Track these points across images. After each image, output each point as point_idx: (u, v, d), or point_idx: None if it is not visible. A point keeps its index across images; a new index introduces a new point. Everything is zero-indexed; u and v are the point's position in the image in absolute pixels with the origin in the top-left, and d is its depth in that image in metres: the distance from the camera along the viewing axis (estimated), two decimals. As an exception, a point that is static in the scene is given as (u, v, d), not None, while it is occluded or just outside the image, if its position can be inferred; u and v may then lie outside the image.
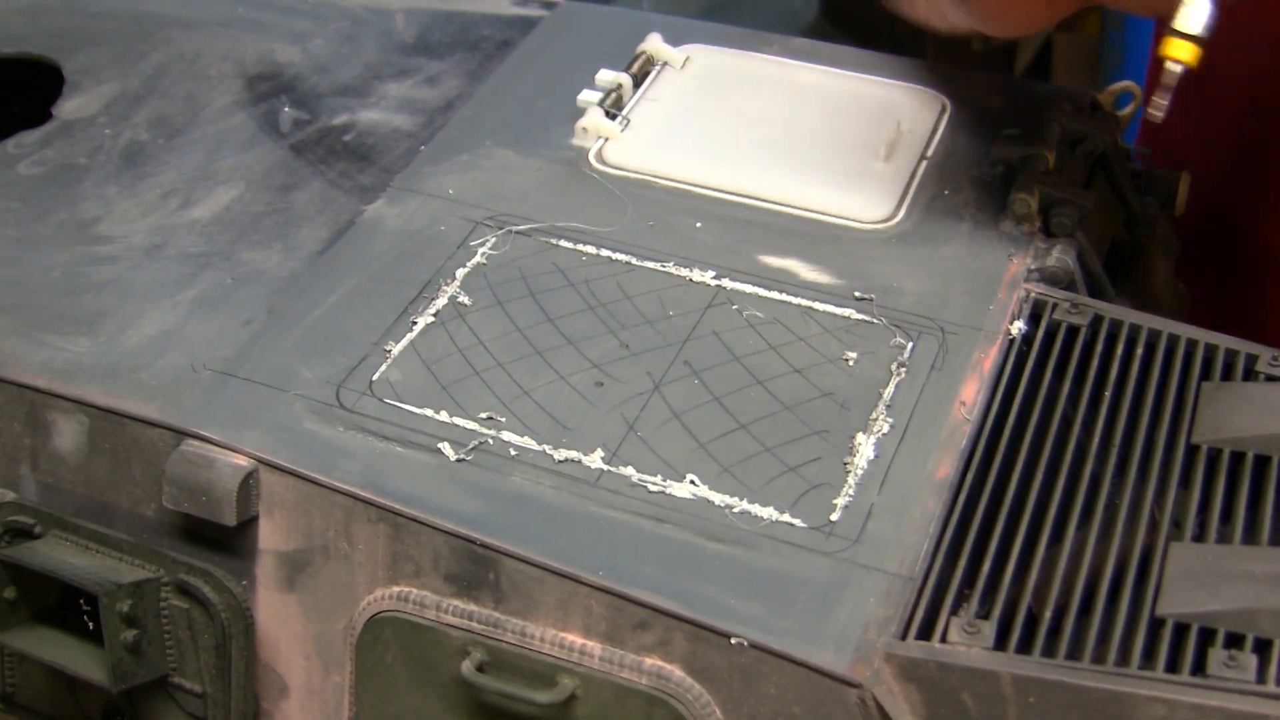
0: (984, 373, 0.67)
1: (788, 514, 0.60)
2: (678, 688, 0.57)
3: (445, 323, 0.69)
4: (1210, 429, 0.64)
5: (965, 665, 0.54)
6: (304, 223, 0.75)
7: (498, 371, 0.66)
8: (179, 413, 0.64)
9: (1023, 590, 0.58)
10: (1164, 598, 0.56)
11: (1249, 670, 0.53)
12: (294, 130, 0.82)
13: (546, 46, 0.86)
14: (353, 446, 0.63)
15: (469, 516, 0.60)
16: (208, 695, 0.64)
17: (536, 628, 0.59)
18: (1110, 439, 0.64)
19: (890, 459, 0.63)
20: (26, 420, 0.67)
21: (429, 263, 0.72)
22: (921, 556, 0.59)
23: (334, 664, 0.63)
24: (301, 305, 0.70)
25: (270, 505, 0.63)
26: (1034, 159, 0.75)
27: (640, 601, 0.57)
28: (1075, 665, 0.54)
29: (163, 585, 0.64)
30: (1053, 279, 0.72)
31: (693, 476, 0.62)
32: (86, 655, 0.64)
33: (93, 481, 0.66)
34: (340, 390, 0.65)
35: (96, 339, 0.68)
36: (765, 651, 0.56)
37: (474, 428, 0.64)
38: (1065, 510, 0.61)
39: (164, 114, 0.83)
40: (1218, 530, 0.60)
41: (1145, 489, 0.62)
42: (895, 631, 0.56)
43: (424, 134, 0.81)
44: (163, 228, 0.75)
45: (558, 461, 0.62)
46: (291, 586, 0.63)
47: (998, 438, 0.64)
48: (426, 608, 0.60)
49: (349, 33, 0.90)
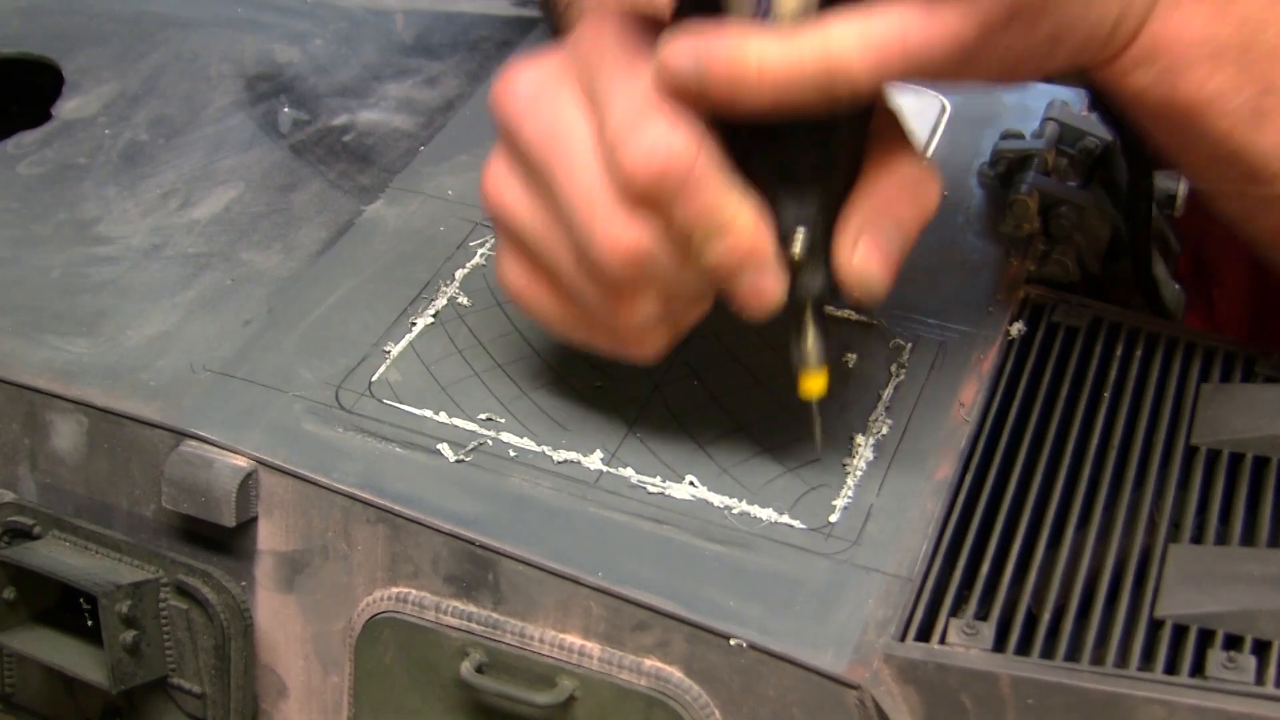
0: (983, 374, 0.67)
1: (787, 515, 0.60)
2: (677, 689, 0.57)
3: (444, 323, 0.69)
4: (1209, 430, 0.64)
5: (964, 667, 0.54)
6: (303, 223, 0.75)
7: (497, 372, 0.66)
8: (178, 413, 0.64)
9: (1022, 591, 0.58)
10: (1163, 599, 0.56)
11: (1248, 672, 0.53)
12: (293, 131, 0.82)
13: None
14: (352, 447, 0.63)
15: (468, 517, 0.60)
16: (207, 696, 0.64)
17: (536, 629, 0.59)
18: (1109, 440, 0.64)
19: (889, 460, 0.63)
20: (25, 420, 0.67)
21: (428, 263, 0.72)
22: (920, 558, 0.59)
23: (333, 665, 0.63)
24: (301, 306, 0.70)
25: (269, 506, 0.63)
26: (1033, 159, 0.75)
27: (639, 603, 0.57)
28: (1074, 667, 0.54)
29: (162, 586, 0.64)
30: (1052, 280, 0.72)
31: (692, 478, 0.62)
32: (85, 656, 0.64)
33: (92, 482, 0.66)
34: (339, 391, 0.65)
35: (96, 339, 0.68)
36: (764, 653, 0.56)
37: (473, 429, 0.64)
38: (1064, 511, 0.61)
39: (164, 114, 0.83)
40: (1216, 532, 0.60)
41: (1144, 490, 0.62)
42: (894, 633, 0.56)
43: (424, 134, 0.81)
44: (162, 228, 0.75)
45: (557, 463, 0.62)
46: (290, 587, 0.63)
47: (997, 439, 0.64)
48: (425, 609, 0.60)
49: (348, 33, 0.90)
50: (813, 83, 0.52)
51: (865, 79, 0.52)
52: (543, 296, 0.60)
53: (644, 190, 0.53)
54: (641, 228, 0.54)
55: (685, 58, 0.52)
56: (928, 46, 0.52)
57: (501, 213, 0.59)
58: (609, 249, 0.55)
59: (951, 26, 0.52)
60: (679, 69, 0.53)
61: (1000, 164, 0.77)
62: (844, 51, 0.51)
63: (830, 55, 0.51)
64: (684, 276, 0.56)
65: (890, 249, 0.56)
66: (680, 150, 0.53)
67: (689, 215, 0.54)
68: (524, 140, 0.57)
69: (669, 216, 0.54)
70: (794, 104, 0.53)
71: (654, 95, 0.54)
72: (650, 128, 0.53)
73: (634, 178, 0.53)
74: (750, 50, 0.52)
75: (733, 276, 0.55)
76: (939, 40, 0.52)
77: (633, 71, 0.54)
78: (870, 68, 0.52)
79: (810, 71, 0.52)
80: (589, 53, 0.56)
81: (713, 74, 0.52)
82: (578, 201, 0.55)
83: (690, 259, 0.55)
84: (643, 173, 0.53)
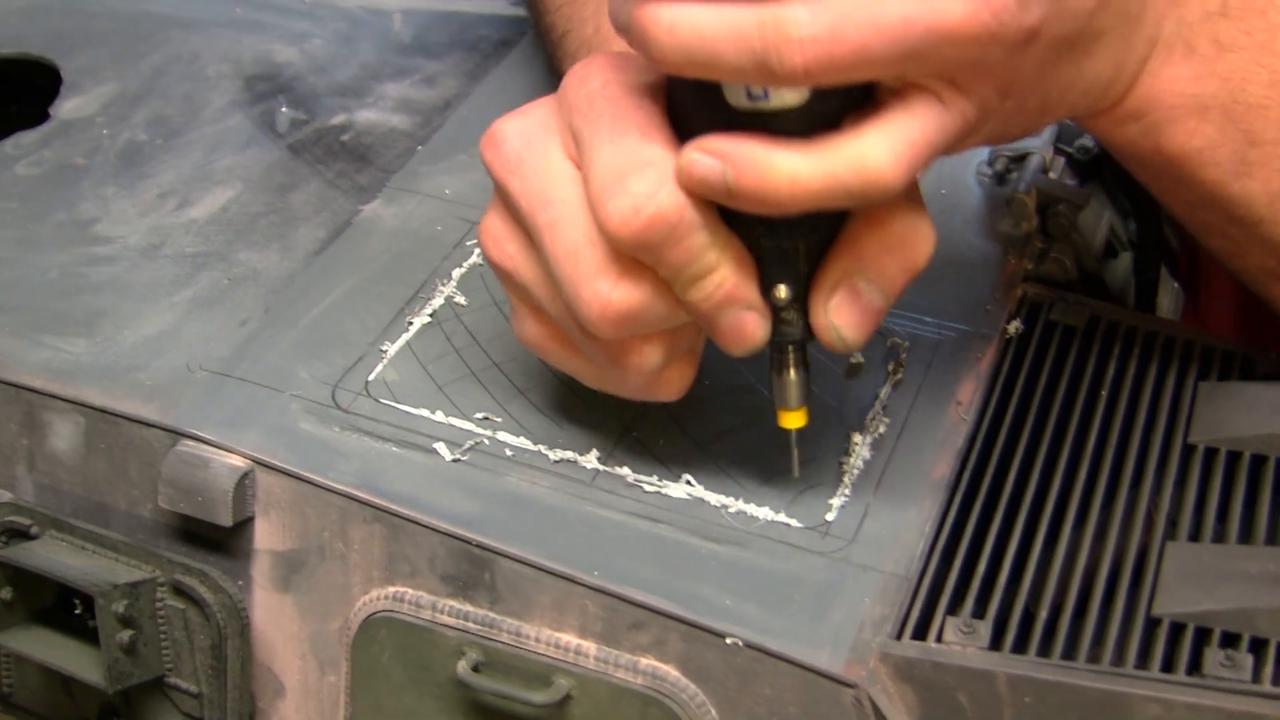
0: (981, 373, 0.66)
1: (784, 514, 0.60)
2: (673, 688, 0.57)
3: (441, 323, 0.69)
4: (1207, 428, 0.64)
5: (961, 665, 0.54)
6: (301, 223, 0.75)
7: (493, 372, 0.66)
8: (175, 413, 0.64)
9: (1019, 590, 0.58)
10: (1160, 597, 0.56)
11: (1245, 670, 0.53)
12: (291, 130, 0.82)
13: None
14: (349, 447, 0.63)
15: (465, 517, 0.60)
16: (204, 695, 0.64)
17: (532, 628, 0.59)
18: (1107, 438, 0.64)
19: (886, 459, 0.63)
20: (23, 420, 0.67)
21: (425, 263, 0.72)
22: (917, 556, 0.59)
23: (330, 664, 0.63)
24: (298, 306, 0.70)
25: (266, 506, 0.63)
26: (1030, 157, 0.75)
27: (635, 601, 0.57)
28: (1071, 665, 0.54)
29: (159, 586, 0.64)
30: (1050, 278, 0.72)
31: (688, 476, 0.62)
32: (83, 656, 0.64)
33: (89, 482, 0.66)
34: (336, 390, 0.65)
35: (93, 339, 0.68)
36: (761, 651, 0.56)
37: (470, 428, 0.64)
38: (1061, 510, 0.61)
39: (162, 114, 0.83)
40: (1214, 530, 0.60)
41: (1141, 488, 0.62)
42: (891, 631, 0.56)
43: (421, 134, 0.81)
44: (160, 228, 0.75)
45: (553, 462, 0.62)
46: (287, 587, 0.63)
47: (994, 438, 0.64)
48: (422, 608, 0.60)
49: (347, 33, 0.90)
50: (845, 193, 0.51)
51: (898, 184, 0.51)
52: (559, 350, 0.60)
53: (630, 245, 0.53)
54: (630, 286, 0.54)
55: (712, 169, 0.52)
56: (945, 138, 0.53)
57: (503, 269, 0.59)
58: (598, 312, 0.54)
59: (965, 114, 0.53)
60: (705, 176, 0.52)
61: (998, 162, 0.77)
62: (877, 163, 0.51)
63: (865, 169, 0.51)
64: (680, 316, 0.56)
65: (869, 304, 0.55)
66: (667, 205, 0.52)
67: (672, 262, 0.53)
68: (513, 197, 0.56)
69: (654, 264, 0.54)
70: (822, 207, 0.52)
71: (639, 146, 0.53)
72: (635, 182, 0.52)
73: (619, 234, 0.52)
74: (781, 165, 0.51)
75: (714, 317, 0.55)
76: (953, 130, 0.53)
77: (619, 124, 0.54)
78: (903, 174, 0.51)
79: (844, 184, 0.51)
80: (575, 102, 0.55)
81: (742, 184, 0.51)
82: (563, 262, 0.55)
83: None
84: (628, 229, 0.52)
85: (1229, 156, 0.58)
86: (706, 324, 0.56)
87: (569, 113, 0.56)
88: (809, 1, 0.48)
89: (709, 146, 0.52)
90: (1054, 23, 0.52)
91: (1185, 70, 0.57)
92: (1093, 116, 0.59)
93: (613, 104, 0.54)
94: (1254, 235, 0.60)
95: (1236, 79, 0.57)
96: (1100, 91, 0.57)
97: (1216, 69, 0.57)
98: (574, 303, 0.55)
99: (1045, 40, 0.52)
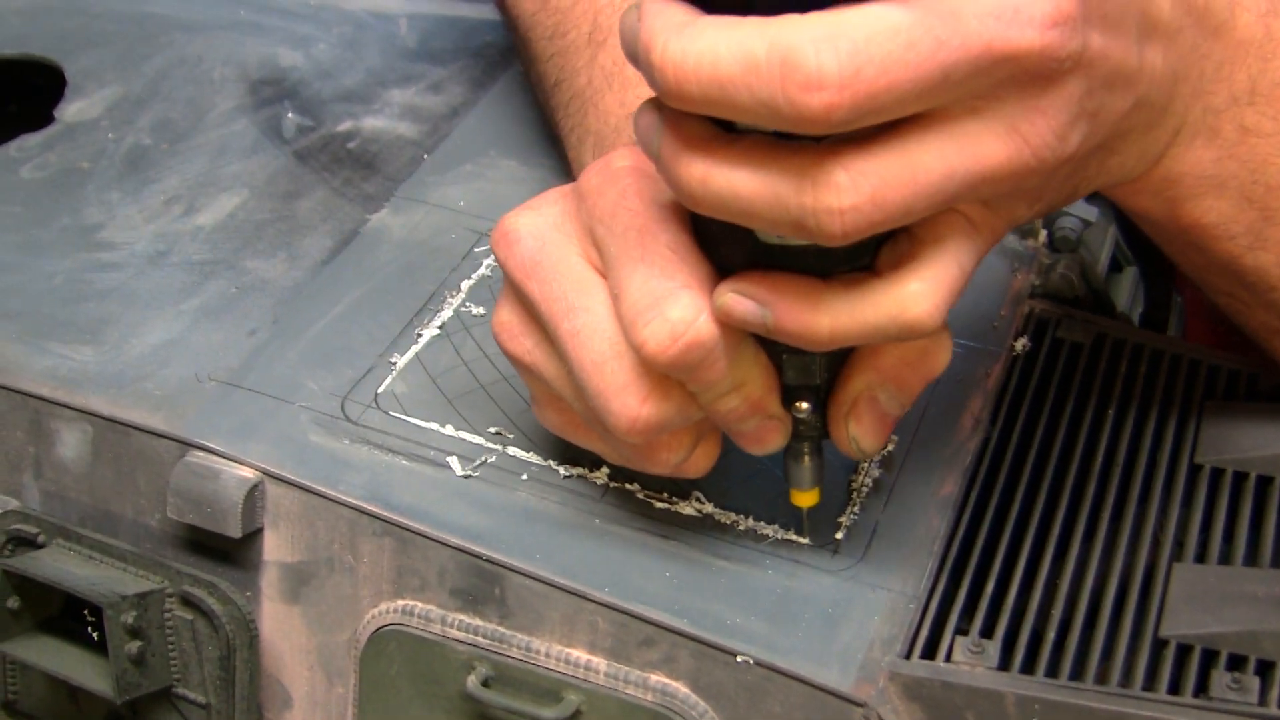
0: (988, 390, 0.67)
1: (793, 532, 0.60)
2: (683, 704, 0.57)
3: (450, 335, 0.69)
4: (1213, 448, 0.64)
5: (969, 685, 0.54)
6: (308, 231, 0.75)
7: (503, 385, 0.66)
8: (184, 423, 0.64)
9: (1026, 609, 0.58)
10: (1167, 619, 0.57)
11: (1252, 692, 0.53)
12: (297, 136, 0.82)
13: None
14: (358, 459, 0.63)
15: (475, 531, 0.60)
16: (211, 706, 0.64)
17: (542, 643, 0.59)
18: (1113, 458, 0.64)
19: (895, 477, 0.63)
20: (30, 428, 0.67)
21: (434, 274, 0.72)
22: (926, 575, 0.59)
23: (338, 676, 0.63)
24: (306, 316, 0.70)
25: (275, 517, 0.63)
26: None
27: (645, 618, 0.57)
28: (1078, 686, 0.55)
29: (167, 596, 0.64)
30: (1056, 294, 0.72)
31: (698, 494, 0.62)
32: (90, 666, 0.64)
33: (97, 491, 0.66)
34: (345, 402, 0.65)
35: (100, 347, 0.68)
36: (770, 669, 0.56)
37: (480, 442, 0.64)
38: (1068, 529, 0.62)
39: (167, 118, 0.83)
40: (1220, 551, 0.60)
41: (1148, 508, 0.62)
42: (900, 650, 0.56)
43: (428, 142, 0.81)
44: (166, 235, 0.75)
45: (564, 477, 0.62)
46: (296, 599, 0.63)
47: (1002, 455, 0.64)
48: (432, 622, 0.60)
49: (351, 37, 0.90)
50: (884, 337, 0.52)
51: (937, 326, 0.52)
52: (584, 436, 0.60)
53: (664, 368, 0.53)
54: (658, 401, 0.54)
55: (752, 311, 0.52)
56: (977, 260, 0.53)
57: (521, 363, 0.59)
58: (626, 425, 0.55)
59: (996, 231, 0.54)
60: (745, 317, 0.52)
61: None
62: (917, 311, 0.51)
63: (905, 316, 0.51)
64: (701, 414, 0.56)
65: (888, 413, 0.56)
66: (705, 333, 0.52)
67: (703, 381, 0.54)
68: (531, 298, 0.56)
69: (684, 381, 0.54)
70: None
71: (672, 269, 0.53)
72: (672, 308, 0.52)
73: (655, 358, 0.53)
74: (823, 315, 0.51)
75: (738, 426, 0.56)
76: (985, 250, 0.54)
77: (647, 240, 0.54)
78: (941, 316, 0.52)
79: (884, 331, 0.52)
80: (598, 212, 0.55)
81: (782, 327, 0.52)
82: (590, 373, 0.55)
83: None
84: (665, 355, 0.52)
85: (1244, 231, 0.59)
86: (728, 430, 0.57)
87: (590, 220, 0.56)
88: (848, 164, 0.47)
89: (748, 291, 0.52)
90: (1090, 140, 0.52)
91: (1207, 154, 0.57)
92: (1109, 189, 0.59)
93: (637, 217, 0.54)
94: (1263, 300, 0.61)
95: (1258, 161, 0.57)
96: (1122, 176, 0.57)
97: (1238, 152, 0.57)
98: (601, 412, 0.55)
99: (1080, 155, 0.52)
